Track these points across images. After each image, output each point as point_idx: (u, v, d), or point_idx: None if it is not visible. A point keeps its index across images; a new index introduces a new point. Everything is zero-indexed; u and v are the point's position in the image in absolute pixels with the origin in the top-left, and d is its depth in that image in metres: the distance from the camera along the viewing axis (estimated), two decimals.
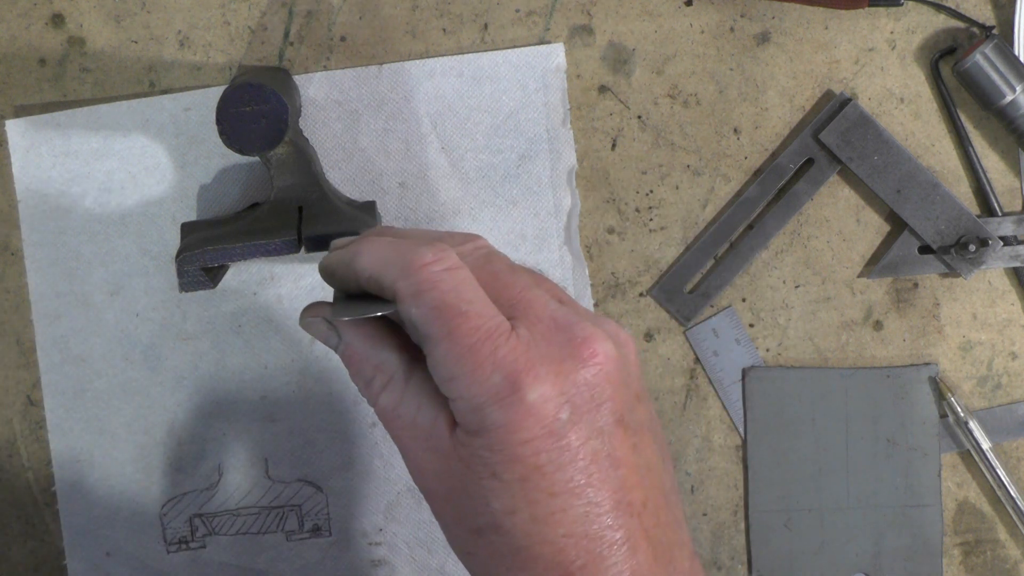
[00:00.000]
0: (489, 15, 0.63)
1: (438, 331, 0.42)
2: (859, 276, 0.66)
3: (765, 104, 0.64)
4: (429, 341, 0.43)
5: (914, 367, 0.66)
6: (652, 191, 0.65)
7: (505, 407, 0.41)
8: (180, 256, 0.59)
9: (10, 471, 0.67)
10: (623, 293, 0.66)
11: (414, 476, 0.45)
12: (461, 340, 0.42)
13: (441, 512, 0.45)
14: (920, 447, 0.66)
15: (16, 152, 0.64)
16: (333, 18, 0.63)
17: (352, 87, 0.63)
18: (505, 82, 0.64)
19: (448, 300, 0.42)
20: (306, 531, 0.67)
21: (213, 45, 0.63)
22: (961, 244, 0.64)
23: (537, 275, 0.47)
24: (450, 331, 0.42)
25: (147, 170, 0.64)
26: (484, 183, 0.64)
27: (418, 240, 0.45)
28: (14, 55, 0.63)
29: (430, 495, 0.45)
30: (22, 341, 0.65)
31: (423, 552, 0.67)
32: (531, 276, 0.46)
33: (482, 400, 0.42)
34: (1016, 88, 0.61)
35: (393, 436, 0.45)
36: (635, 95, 0.64)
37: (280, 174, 0.60)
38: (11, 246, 0.65)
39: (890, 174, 0.64)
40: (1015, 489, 0.66)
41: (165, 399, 0.65)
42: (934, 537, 0.66)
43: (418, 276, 0.43)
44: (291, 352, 0.65)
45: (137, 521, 0.66)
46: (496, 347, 0.42)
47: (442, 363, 0.42)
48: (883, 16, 0.64)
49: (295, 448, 0.66)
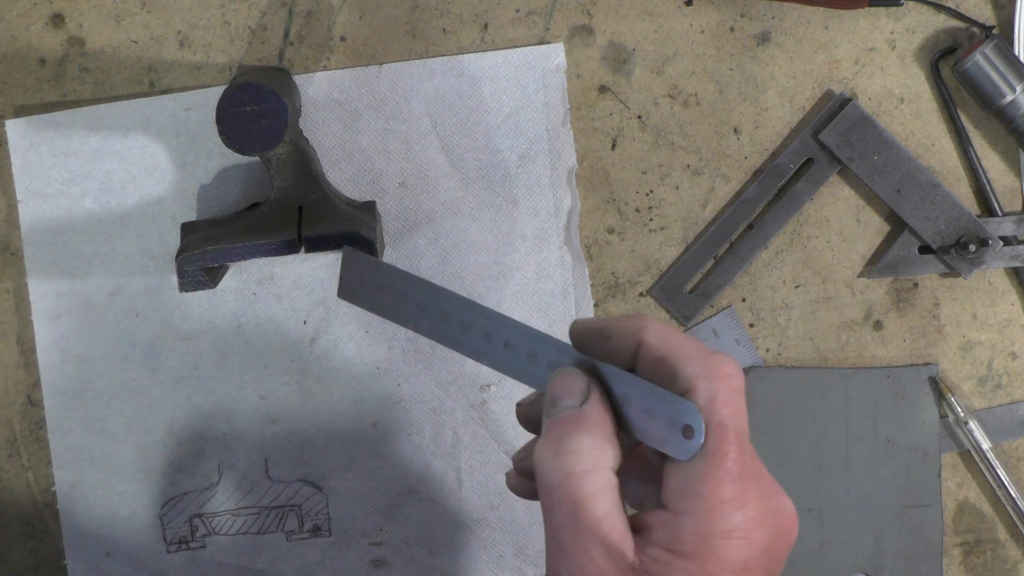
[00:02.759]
0: (489, 15, 0.63)
1: (718, 447, 0.41)
2: (859, 276, 0.66)
3: (765, 104, 0.64)
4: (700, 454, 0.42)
5: (914, 367, 0.66)
6: (652, 191, 0.65)
7: (734, 544, 0.41)
8: (180, 256, 0.59)
9: (10, 471, 0.67)
10: (623, 293, 0.66)
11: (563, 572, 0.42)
12: (735, 466, 0.41)
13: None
14: (920, 447, 0.66)
15: (16, 152, 0.64)
16: (333, 18, 0.63)
17: (352, 87, 0.63)
18: (505, 82, 0.64)
19: (738, 423, 0.42)
20: (306, 531, 0.67)
21: (213, 45, 0.63)
22: (961, 244, 0.64)
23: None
24: (729, 453, 0.41)
25: (147, 170, 0.64)
26: (484, 183, 0.64)
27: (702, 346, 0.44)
28: (14, 55, 0.63)
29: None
30: (22, 341, 0.65)
31: (423, 552, 0.67)
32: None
33: (716, 529, 0.41)
34: (1016, 88, 0.61)
35: (558, 526, 0.42)
36: (635, 95, 0.64)
37: (280, 174, 0.60)
38: (11, 246, 0.65)
39: (890, 174, 0.64)
40: (1015, 489, 0.66)
41: (165, 399, 0.65)
42: (934, 537, 0.66)
43: (720, 384, 0.42)
44: (291, 352, 0.65)
45: (137, 521, 0.66)
46: (748, 487, 0.42)
47: (703, 478, 0.41)
48: (883, 16, 0.64)
49: (295, 448, 0.66)
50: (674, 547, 0.41)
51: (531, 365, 0.46)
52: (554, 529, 0.42)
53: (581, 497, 0.42)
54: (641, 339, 0.44)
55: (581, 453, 0.42)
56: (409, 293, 0.50)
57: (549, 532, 0.42)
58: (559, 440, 0.42)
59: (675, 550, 0.41)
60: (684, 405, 0.42)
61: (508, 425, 0.66)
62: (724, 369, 0.42)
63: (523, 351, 0.47)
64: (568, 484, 0.42)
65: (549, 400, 0.44)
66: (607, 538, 0.41)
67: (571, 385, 0.44)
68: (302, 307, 0.65)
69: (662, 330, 0.44)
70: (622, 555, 0.41)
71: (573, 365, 0.45)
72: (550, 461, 0.42)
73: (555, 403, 0.44)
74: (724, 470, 0.41)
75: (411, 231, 0.64)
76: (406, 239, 0.64)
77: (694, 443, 0.42)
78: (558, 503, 0.42)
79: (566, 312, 0.65)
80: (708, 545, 0.41)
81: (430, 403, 0.66)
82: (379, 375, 0.65)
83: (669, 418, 0.42)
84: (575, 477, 0.42)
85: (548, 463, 0.42)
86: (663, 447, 0.42)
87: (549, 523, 0.42)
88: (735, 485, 0.41)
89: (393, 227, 0.64)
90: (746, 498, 0.41)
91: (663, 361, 0.43)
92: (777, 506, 0.43)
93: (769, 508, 0.42)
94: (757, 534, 0.41)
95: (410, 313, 0.50)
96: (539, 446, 0.43)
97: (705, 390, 0.42)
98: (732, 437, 0.42)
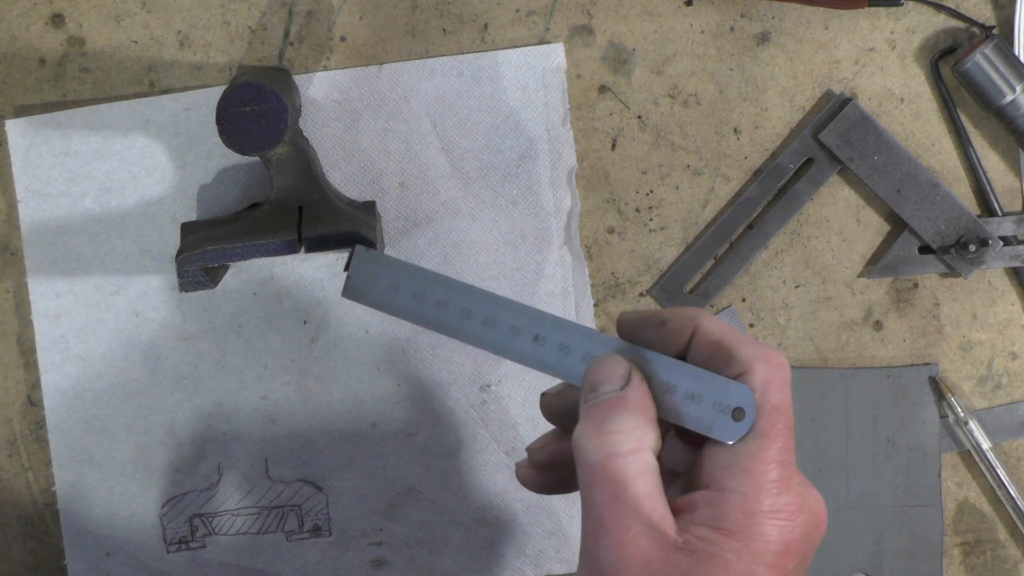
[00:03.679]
0: (489, 15, 0.63)
1: (770, 428, 0.43)
2: (859, 276, 0.66)
3: (765, 104, 0.64)
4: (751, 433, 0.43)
5: (914, 367, 0.66)
6: (652, 191, 0.65)
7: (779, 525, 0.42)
8: (180, 256, 0.59)
9: (10, 471, 0.67)
10: (623, 293, 0.66)
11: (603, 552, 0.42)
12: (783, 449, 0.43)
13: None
14: (920, 447, 0.66)
15: (16, 152, 0.64)
16: (333, 18, 0.63)
17: (352, 87, 0.63)
18: (505, 82, 0.64)
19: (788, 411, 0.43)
20: (306, 531, 0.67)
21: (213, 45, 0.63)
22: (961, 244, 0.64)
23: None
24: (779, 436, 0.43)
25: (147, 170, 0.64)
26: (484, 183, 0.64)
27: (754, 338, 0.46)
28: (14, 55, 0.63)
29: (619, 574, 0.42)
30: (22, 341, 0.65)
31: (423, 552, 0.67)
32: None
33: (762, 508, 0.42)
34: (1016, 88, 0.61)
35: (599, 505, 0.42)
36: (635, 95, 0.64)
37: (280, 174, 0.60)
38: (11, 246, 0.65)
39: (890, 174, 0.64)
40: (1015, 489, 0.66)
41: (165, 399, 0.65)
42: (934, 537, 0.66)
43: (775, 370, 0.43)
44: (291, 352, 0.65)
45: (137, 521, 0.66)
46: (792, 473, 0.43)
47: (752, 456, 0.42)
48: (883, 16, 0.64)
49: (295, 448, 0.66)
50: (719, 524, 0.42)
51: (563, 358, 0.47)
52: (594, 508, 0.42)
53: (623, 477, 0.42)
54: (698, 324, 0.45)
55: (624, 433, 0.43)
56: (427, 291, 0.49)
57: (588, 511, 0.42)
58: (602, 421, 0.43)
59: (720, 527, 0.41)
60: (737, 388, 0.43)
61: (508, 425, 0.66)
62: (778, 358, 0.44)
63: (554, 344, 0.47)
64: (611, 464, 0.42)
65: (588, 385, 0.45)
66: (649, 517, 0.42)
67: (612, 370, 0.45)
68: (302, 307, 0.65)
69: (716, 319, 0.45)
70: (664, 534, 0.41)
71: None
72: (592, 440, 0.43)
73: (595, 388, 0.44)
74: (775, 451, 0.42)
75: (411, 231, 0.64)
76: (406, 239, 0.64)
77: (743, 425, 0.43)
78: (599, 482, 0.42)
79: (566, 312, 0.65)
80: (754, 524, 0.41)
81: (430, 403, 0.66)
82: (379, 375, 0.65)
83: (717, 401, 0.43)
84: (618, 457, 0.42)
85: (590, 442, 0.43)
86: (708, 431, 0.43)
87: (589, 502, 0.42)
88: (782, 468, 0.42)
89: (393, 227, 0.64)
90: (790, 482, 0.42)
91: (719, 345, 0.44)
92: (812, 496, 0.44)
93: (807, 496, 0.43)
94: (799, 517, 0.42)
95: (427, 311, 0.49)
96: (579, 428, 0.44)
97: (761, 373, 0.43)
98: (783, 421, 0.43)
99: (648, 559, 0.41)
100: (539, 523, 0.67)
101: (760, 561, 0.41)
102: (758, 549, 0.41)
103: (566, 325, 0.47)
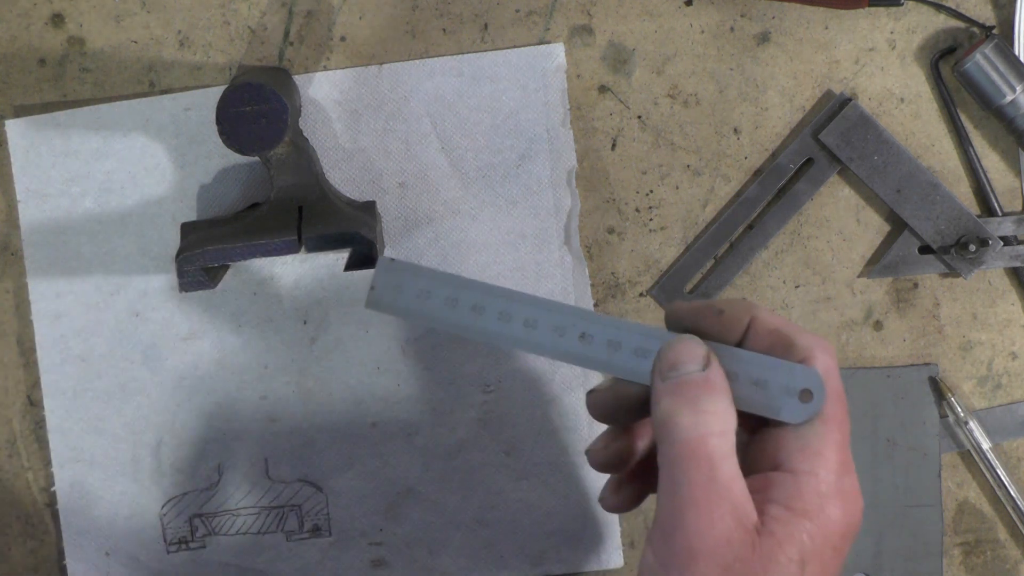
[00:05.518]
0: (489, 15, 0.63)
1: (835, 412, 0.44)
2: (859, 276, 0.66)
3: (765, 104, 0.64)
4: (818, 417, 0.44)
5: (914, 367, 0.66)
6: (652, 191, 0.65)
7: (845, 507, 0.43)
8: (180, 256, 0.59)
9: (10, 471, 0.67)
10: (623, 293, 0.66)
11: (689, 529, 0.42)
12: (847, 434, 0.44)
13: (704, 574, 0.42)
14: (920, 447, 0.66)
15: (16, 152, 0.64)
16: (333, 18, 0.63)
17: (352, 87, 0.63)
18: (505, 82, 0.64)
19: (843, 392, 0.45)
20: (306, 531, 0.67)
21: (213, 45, 0.63)
22: (961, 244, 0.64)
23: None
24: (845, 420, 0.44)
25: (147, 170, 0.64)
26: (484, 183, 0.64)
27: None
28: (14, 55, 0.63)
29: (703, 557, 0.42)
30: (22, 341, 0.65)
31: (423, 552, 0.67)
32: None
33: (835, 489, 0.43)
34: (1016, 88, 0.61)
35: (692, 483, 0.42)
36: (635, 95, 0.64)
37: (280, 174, 0.60)
38: (11, 246, 0.65)
39: (890, 174, 0.64)
40: (1015, 489, 0.66)
41: (165, 399, 0.65)
42: (934, 537, 0.66)
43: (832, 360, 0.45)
44: (291, 352, 0.65)
45: (137, 521, 0.66)
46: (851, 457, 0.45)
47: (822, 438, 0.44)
48: (883, 16, 0.64)
49: (295, 448, 0.66)
50: (794, 505, 0.42)
51: (613, 354, 0.47)
52: (685, 485, 0.42)
53: (718, 456, 0.43)
54: (755, 314, 0.46)
55: (717, 414, 0.44)
56: (461, 297, 0.49)
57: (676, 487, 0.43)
58: (696, 399, 0.44)
59: (795, 508, 0.42)
60: (804, 371, 0.44)
61: (508, 425, 0.66)
62: (831, 347, 0.45)
63: (602, 341, 0.47)
64: (707, 442, 0.43)
65: (668, 364, 0.45)
66: (737, 498, 0.42)
67: (693, 351, 0.45)
68: (302, 307, 0.65)
69: (770, 310, 0.47)
70: (748, 515, 0.42)
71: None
72: (689, 418, 0.43)
73: (676, 367, 0.45)
74: (841, 434, 0.44)
75: (411, 231, 0.64)
76: (406, 239, 0.64)
77: (812, 406, 0.44)
78: (694, 460, 0.43)
79: None
80: (827, 505, 0.43)
81: (430, 403, 0.66)
82: (379, 375, 0.65)
83: (784, 385, 0.44)
84: (714, 436, 0.43)
85: (686, 419, 0.43)
86: (777, 415, 0.44)
87: (677, 479, 0.43)
88: (845, 452, 0.44)
89: (393, 227, 0.64)
90: (851, 466, 0.44)
91: (779, 333, 0.45)
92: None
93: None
94: (859, 502, 0.44)
95: (463, 318, 0.48)
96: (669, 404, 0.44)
97: (822, 360, 0.44)
98: (843, 406, 0.44)
99: (732, 539, 0.42)
100: (539, 523, 0.67)
101: (828, 543, 0.43)
102: (829, 530, 0.43)
103: (611, 321, 0.47)
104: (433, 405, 0.66)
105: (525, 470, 0.66)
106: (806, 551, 0.42)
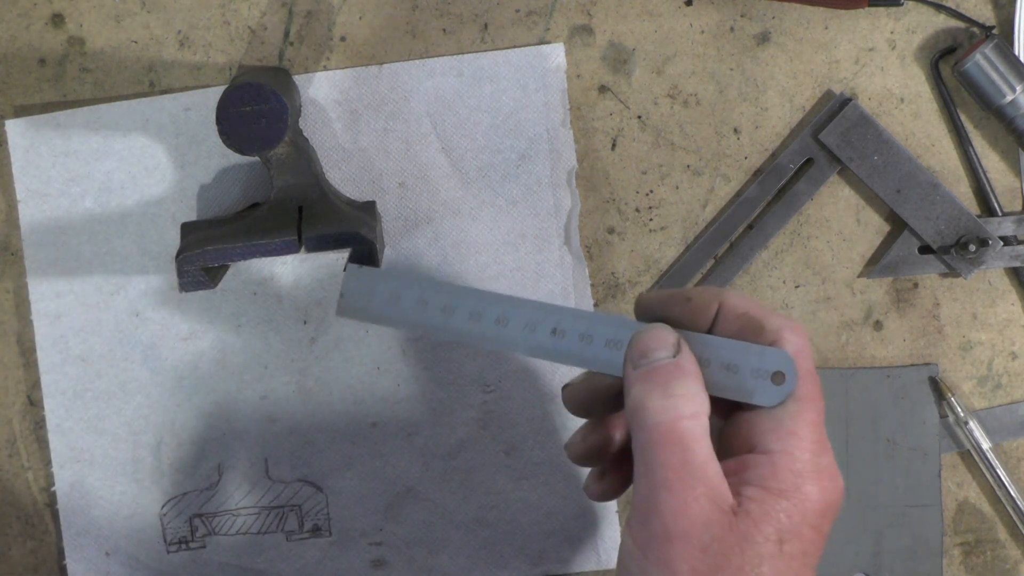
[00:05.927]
0: (489, 15, 0.63)
1: (808, 392, 0.45)
2: (859, 276, 0.66)
3: (765, 104, 0.64)
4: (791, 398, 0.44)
5: (914, 367, 0.66)
6: (652, 191, 0.65)
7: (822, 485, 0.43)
8: (180, 256, 0.59)
9: (10, 471, 0.67)
10: (623, 293, 0.66)
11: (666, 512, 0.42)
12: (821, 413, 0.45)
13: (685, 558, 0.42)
14: (920, 447, 0.66)
15: (16, 152, 0.64)
16: (333, 18, 0.63)
17: (352, 87, 0.63)
18: (505, 82, 0.64)
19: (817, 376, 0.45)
20: (306, 531, 0.67)
21: (213, 45, 0.63)
22: (961, 244, 0.64)
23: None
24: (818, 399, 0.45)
25: (147, 170, 0.64)
26: (484, 183, 0.64)
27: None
28: (14, 55, 0.63)
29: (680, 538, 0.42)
30: (22, 341, 0.65)
31: (423, 552, 0.67)
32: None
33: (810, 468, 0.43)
34: (1016, 88, 0.61)
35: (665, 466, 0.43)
36: (635, 95, 0.64)
37: (280, 174, 0.60)
38: (11, 246, 0.65)
39: (890, 174, 0.64)
40: (1015, 489, 0.66)
41: (165, 399, 0.65)
42: (934, 537, 0.66)
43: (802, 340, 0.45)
44: (291, 352, 0.65)
45: (137, 521, 0.66)
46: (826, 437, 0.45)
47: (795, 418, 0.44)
48: (883, 16, 0.64)
49: (295, 448, 0.66)
50: (769, 484, 0.43)
51: (585, 347, 0.47)
52: (659, 469, 0.43)
53: (690, 439, 0.43)
54: (724, 299, 0.46)
55: (688, 397, 0.44)
56: (431, 299, 0.49)
57: (650, 472, 0.43)
58: (665, 384, 0.44)
59: (770, 487, 0.43)
60: (775, 353, 0.44)
61: (508, 425, 0.66)
62: (801, 328, 0.46)
63: (574, 334, 0.47)
64: (679, 425, 0.43)
65: (639, 352, 0.45)
66: (711, 480, 0.43)
67: (663, 338, 0.46)
68: (302, 307, 0.65)
69: (739, 294, 0.47)
70: (723, 497, 0.43)
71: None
72: (659, 402, 0.44)
73: (646, 355, 0.45)
74: (814, 413, 0.44)
75: (411, 231, 0.64)
76: (406, 239, 0.64)
77: (784, 388, 0.44)
78: (666, 444, 0.43)
79: None
80: (803, 483, 0.43)
81: (430, 403, 0.66)
82: (379, 375, 0.65)
83: (755, 368, 0.45)
84: (686, 419, 0.43)
85: (656, 403, 0.44)
86: (750, 398, 0.45)
87: (651, 464, 0.43)
88: (820, 431, 0.44)
89: (393, 227, 0.64)
90: (827, 445, 0.44)
91: (748, 316, 0.46)
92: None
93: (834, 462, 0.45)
94: (838, 480, 0.44)
95: (433, 319, 0.49)
96: (640, 391, 0.44)
97: (792, 342, 0.45)
98: (816, 385, 0.45)
99: (708, 520, 0.42)
100: (539, 523, 0.67)
101: (806, 521, 0.43)
102: (806, 509, 0.43)
103: (582, 314, 0.47)
104: (433, 405, 0.66)
105: (525, 470, 0.66)
106: (783, 529, 0.42)
